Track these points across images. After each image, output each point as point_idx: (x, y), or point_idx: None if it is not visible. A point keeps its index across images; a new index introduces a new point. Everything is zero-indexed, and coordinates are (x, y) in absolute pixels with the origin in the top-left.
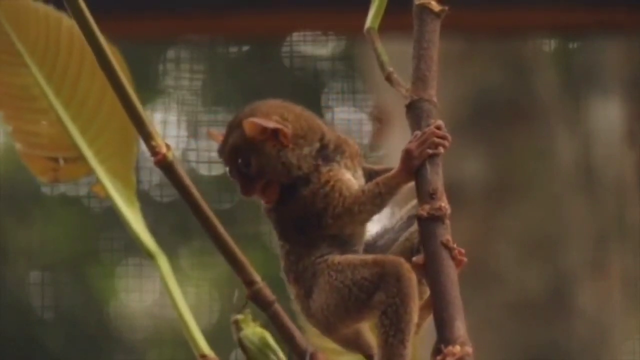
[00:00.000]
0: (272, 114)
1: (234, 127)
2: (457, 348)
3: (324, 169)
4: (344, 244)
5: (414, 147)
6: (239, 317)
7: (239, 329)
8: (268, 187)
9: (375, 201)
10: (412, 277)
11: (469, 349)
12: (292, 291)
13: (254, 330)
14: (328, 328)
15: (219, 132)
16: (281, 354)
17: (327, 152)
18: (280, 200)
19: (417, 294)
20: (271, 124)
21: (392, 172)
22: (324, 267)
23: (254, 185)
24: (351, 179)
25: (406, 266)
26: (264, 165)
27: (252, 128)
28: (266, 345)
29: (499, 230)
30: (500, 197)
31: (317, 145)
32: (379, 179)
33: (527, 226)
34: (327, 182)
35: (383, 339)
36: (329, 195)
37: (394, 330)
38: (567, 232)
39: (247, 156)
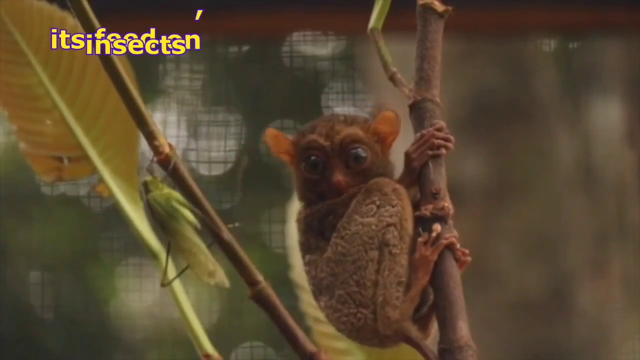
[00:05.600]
0: None
1: (349, 122)
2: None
3: None
4: None
5: (413, 149)
6: (147, 179)
7: (147, 190)
8: (351, 186)
9: None
10: (402, 187)
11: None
12: (321, 305)
13: (161, 192)
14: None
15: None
16: (190, 217)
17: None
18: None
19: (410, 203)
20: (396, 131)
21: (398, 176)
22: (335, 239)
23: (349, 179)
24: None
25: (392, 181)
26: (373, 164)
27: (390, 119)
28: (174, 207)
29: (499, 230)
30: (500, 197)
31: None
32: None
33: (527, 226)
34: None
35: (388, 250)
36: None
37: (398, 239)
38: (567, 232)
39: (366, 151)
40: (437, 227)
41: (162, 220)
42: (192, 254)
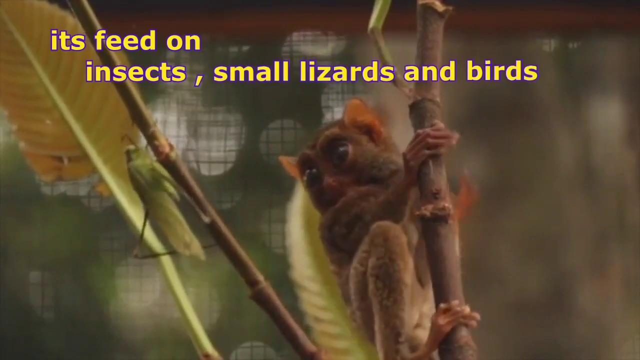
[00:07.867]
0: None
1: (330, 126)
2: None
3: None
4: None
5: (408, 149)
6: (130, 147)
7: (129, 159)
8: (346, 185)
9: (386, 208)
10: (401, 237)
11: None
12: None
13: (143, 162)
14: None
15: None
16: (170, 188)
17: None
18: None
19: (406, 254)
20: (371, 115)
21: (400, 178)
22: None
23: (342, 178)
24: None
25: (394, 228)
26: (359, 156)
27: (355, 105)
28: (154, 177)
29: (499, 230)
30: (501, 197)
31: (399, 161)
32: (390, 188)
33: (527, 226)
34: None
35: (378, 302)
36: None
37: (387, 292)
38: (567, 232)
39: (346, 145)
40: (466, 308)
41: (141, 190)
42: (168, 224)
